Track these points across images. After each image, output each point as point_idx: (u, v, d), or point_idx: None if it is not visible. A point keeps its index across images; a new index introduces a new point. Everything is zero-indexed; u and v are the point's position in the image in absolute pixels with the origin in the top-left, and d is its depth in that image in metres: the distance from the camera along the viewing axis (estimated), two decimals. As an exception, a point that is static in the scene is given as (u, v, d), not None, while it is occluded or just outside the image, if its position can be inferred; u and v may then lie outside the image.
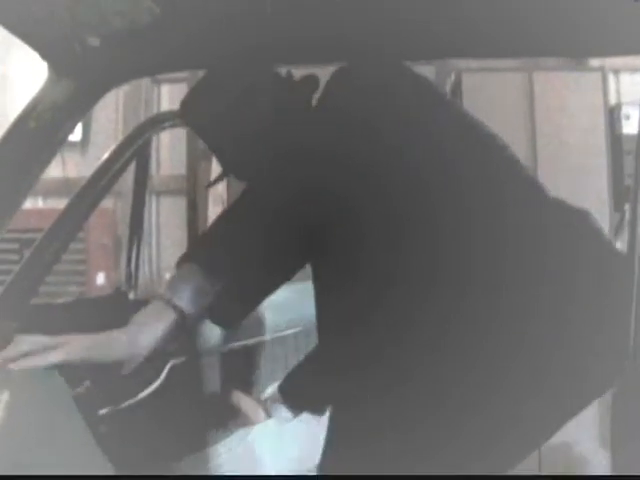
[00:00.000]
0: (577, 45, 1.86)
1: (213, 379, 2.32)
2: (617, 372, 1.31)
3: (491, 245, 1.44)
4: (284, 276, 1.65)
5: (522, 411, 1.39)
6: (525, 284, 1.42)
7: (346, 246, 1.46)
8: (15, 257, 4.18)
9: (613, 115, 4.99)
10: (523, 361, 1.39)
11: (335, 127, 1.46)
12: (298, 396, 1.71)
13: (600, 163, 4.74)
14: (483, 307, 1.41)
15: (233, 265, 1.47)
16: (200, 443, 1.97)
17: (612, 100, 5.10)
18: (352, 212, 1.44)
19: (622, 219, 4.71)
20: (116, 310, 2.58)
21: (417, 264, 1.43)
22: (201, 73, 1.82)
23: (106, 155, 2.58)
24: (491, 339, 1.40)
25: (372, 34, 1.70)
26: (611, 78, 5.15)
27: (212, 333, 2.27)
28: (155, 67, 1.96)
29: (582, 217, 1.54)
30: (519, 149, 1.60)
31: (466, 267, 1.42)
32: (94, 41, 1.69)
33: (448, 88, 5.09)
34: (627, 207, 4.71)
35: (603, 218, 4.57)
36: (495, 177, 1.51)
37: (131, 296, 2.71)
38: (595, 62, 4.86)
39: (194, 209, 4.95)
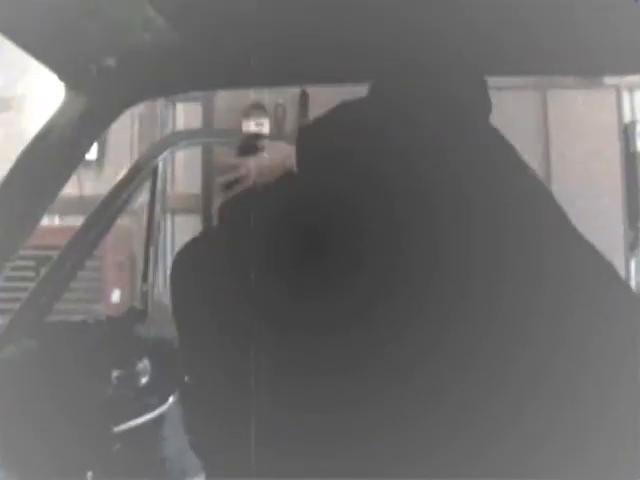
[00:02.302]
0: (592, 63, 1.86)
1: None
2: (618, 370, 1.31)
3: (492, 244, 1.44)
4: None
5: (523, 411, 1.38)
6: (526, 282, 1.42)
7: (347, 247, 1.48)
8: (31, 274, 4.20)
9: (627, 132, 4.98)
10: (524, 360, 1.39)
11: None
12: None
13: (614, 180, 4.72)
14: (483, 305, 1.41)
15: None
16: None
17: (627, 117, 5.09)
18: (353, 214, 1.46)
19: (636, 236, 4.69)
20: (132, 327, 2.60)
21: (417, 263, 1.43)
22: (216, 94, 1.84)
23: (122, 173, 2.60)
24: (492, 338, 1.40)
25: (387, 52, 1.71)
26: (626, 96, 5.14)
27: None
28: (170, 88, 1.98)
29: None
30: (532, 166, 1.61)
31: (467, 265, 1.43)
32: (110, 62, 1.71)
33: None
34: (642, 224, 4.70)
35: (617, 235, 4.55)
36: (497, 178, 1.51)
37: (146, 313, 2.72)
38: (610, 80, 4.85)
39: (209, 227, 4.97)
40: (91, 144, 1.95)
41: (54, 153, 1.86)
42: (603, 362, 1.41)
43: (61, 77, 1.80)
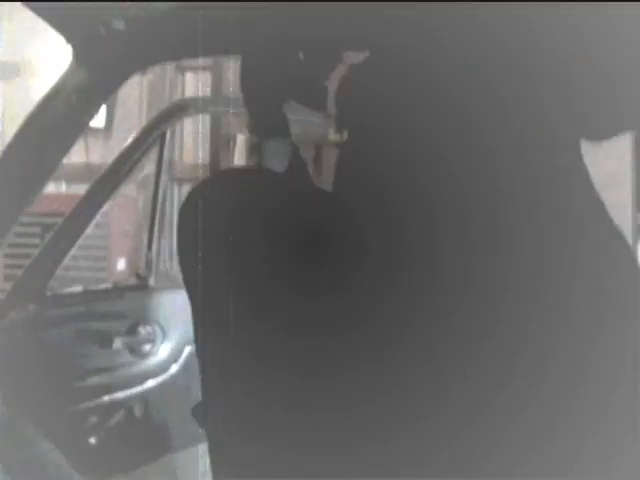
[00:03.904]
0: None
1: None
2: (621, 370, 1.30)
3: (493, 243, 1.42)
4: None
5: (524, 413, 1.37)
6: (528, 282, 1.41)
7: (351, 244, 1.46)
8: (37, 241, 4.21)
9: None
10: (525, 362, 1.38)
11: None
12: None
13: (624, 164, 4.69)
14: (485, 306, 1.40)
15: None
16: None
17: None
18: (353, 209, 1.45)
19: (644, 234, 4.67)
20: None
21: (418, 261, 1.42)
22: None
23: (129, 141, 2.59)
24: (493, 339, 1.38)
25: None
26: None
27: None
28: (179, 53, 1.96)
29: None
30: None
31: (468, 265, 1.41)
32: (119, 24, 1.69)
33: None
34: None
35: (626, 220, 4.53)
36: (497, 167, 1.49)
37: (151, 282, 2.72)
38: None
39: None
40: (98, 109, 1.93)
41: (59, 118, 1.84)
42: (605, 364, 1.39)
43: (69, 40, 1.78)
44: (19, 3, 1.63)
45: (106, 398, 2.29)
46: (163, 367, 2.41)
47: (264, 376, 1.48)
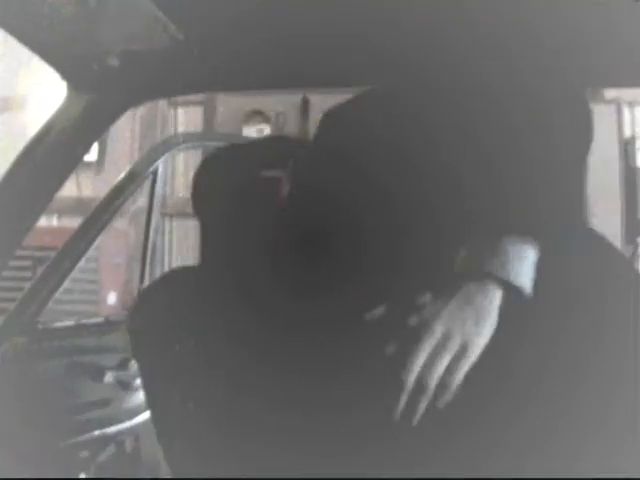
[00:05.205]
0: (593, 74, 1.87)
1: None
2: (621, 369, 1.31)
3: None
4: None
5: (524, 413, 1.37)
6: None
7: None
8: (29, 274, 4.21)
9: (628, 148, 4.99)
10: (525, 362, 1.38)
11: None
12: None
13: (614, 195, 4.72)
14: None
15: None
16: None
17: (627, 132, 5.10)
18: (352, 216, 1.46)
19: (634, 252, 4.69)
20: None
21: (418, 263, 1.42)
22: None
23: (121, 176, 2.60)
24: (493, 338, 1.39)
25: (388, 59, 1.70)
26: (626, 111, 5.15)
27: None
28: (172, 89, 1.98)
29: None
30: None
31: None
32: (114, 61, 1.71)
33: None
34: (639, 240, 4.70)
35: (615, 228, 4.54)
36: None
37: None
38: (610, 94, 4.86)
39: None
40: (91, 144, 1.95)
41: (53, 152, 1.86)
42: (605, 364, 1.40)
43: (64, 76, 1.80)
44: (10, 38, 1.64)
45: (97, 432, 2.27)
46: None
47: (262, 376, 1.49)
